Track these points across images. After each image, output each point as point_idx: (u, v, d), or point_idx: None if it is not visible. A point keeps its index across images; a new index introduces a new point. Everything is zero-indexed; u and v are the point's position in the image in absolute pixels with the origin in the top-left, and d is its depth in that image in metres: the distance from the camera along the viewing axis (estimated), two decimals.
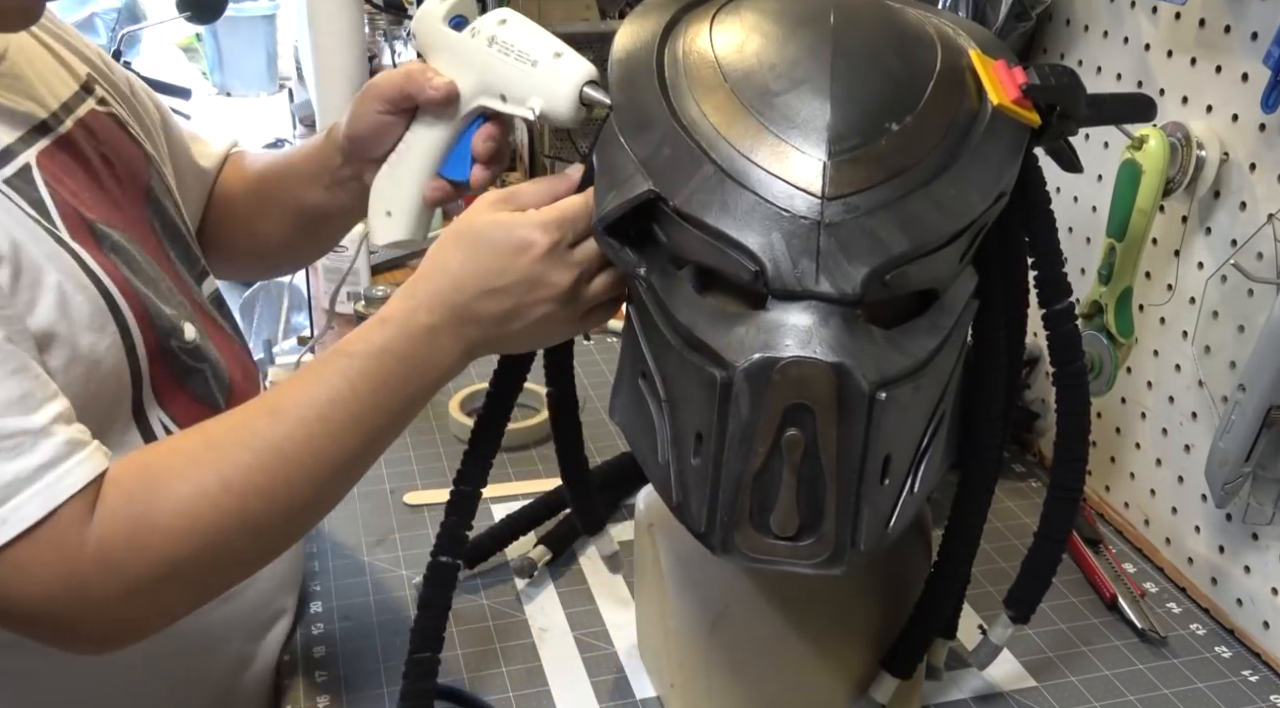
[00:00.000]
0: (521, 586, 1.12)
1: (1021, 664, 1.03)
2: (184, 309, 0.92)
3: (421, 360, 0.81)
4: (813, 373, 0.72)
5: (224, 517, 0.76)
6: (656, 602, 0.95)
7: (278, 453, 0.78)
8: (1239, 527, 1.06)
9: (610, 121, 0.80)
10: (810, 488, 0.75)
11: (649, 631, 1.00)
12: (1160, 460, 1.16)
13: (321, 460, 0.79)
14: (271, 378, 1.46)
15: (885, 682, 0.93)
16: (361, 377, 0.79)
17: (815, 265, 0.72)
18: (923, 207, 0.74)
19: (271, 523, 0.79)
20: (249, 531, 0.78)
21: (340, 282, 1.66)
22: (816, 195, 0.72)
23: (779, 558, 0.77)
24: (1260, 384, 0.95)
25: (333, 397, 0.79)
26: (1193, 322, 1.08)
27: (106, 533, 0.74)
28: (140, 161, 0.97)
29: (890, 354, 0.74)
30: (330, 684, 0.99)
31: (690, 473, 0.78)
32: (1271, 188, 0.99)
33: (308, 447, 0.78)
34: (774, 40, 0.78)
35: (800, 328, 0.72)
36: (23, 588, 0.73)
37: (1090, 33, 1.19)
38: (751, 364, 0.72)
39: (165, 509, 0.75)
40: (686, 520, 0.79)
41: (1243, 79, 1.00)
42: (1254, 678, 1.02)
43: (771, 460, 0.74)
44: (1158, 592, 1.13)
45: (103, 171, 0.91)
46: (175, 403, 0.89)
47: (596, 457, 1.27)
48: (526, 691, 0.99)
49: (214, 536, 0.76)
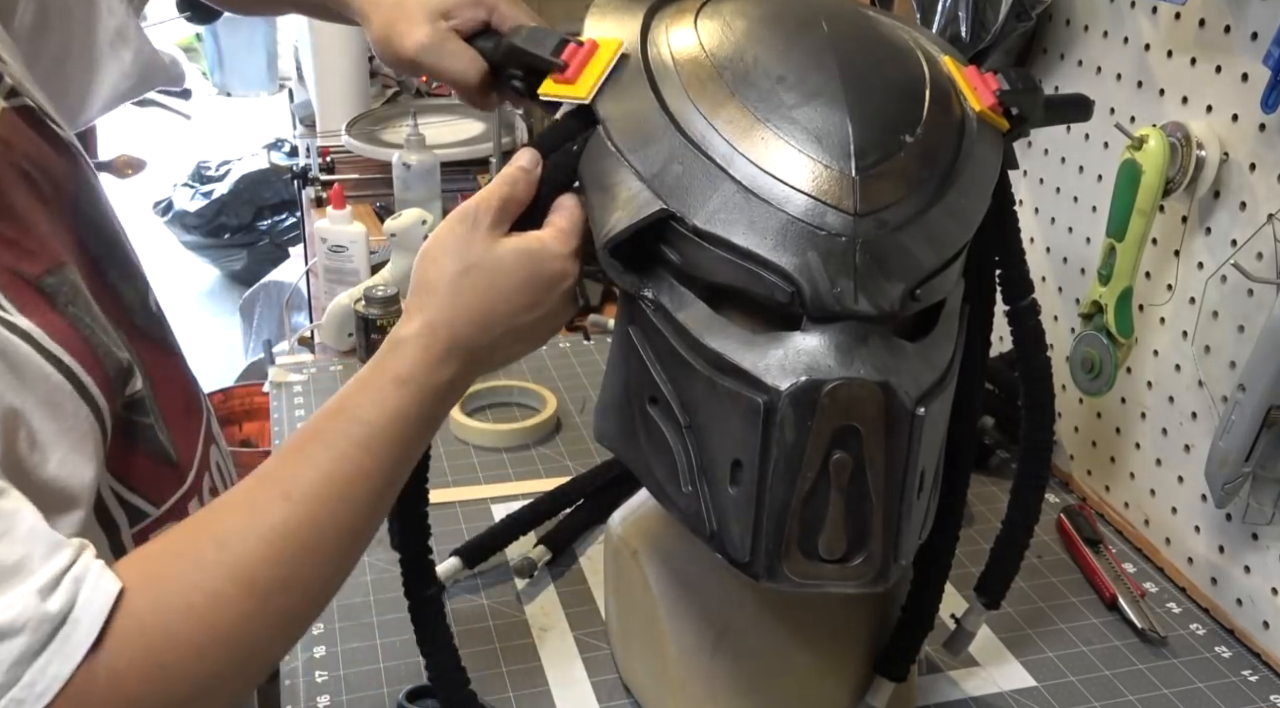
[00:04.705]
0: (521, 586, 1.12)
1: (1021, 664, 1.03)
2: (127, 347, 0.79)
3: (441, 416, 0.75)
4: (862, 394, 0.71)
5: (246, 620, 0.67)
6: (647, 628, 0.92)
7: (297, 542, 0.69)
8: (1239, 527, 1.06)
9: (600, 133, 0.76)
10: (856, 509, 0.73)
11: (638, 658, 0.97)
12: (1160, 460, 1.16)
13: (344, 537, 0.71)
14: (272, 378, 1.46)
15: (882, 687, 0.93)
16: (384, 447, 0.71)
17: (854, 285, 0.71)
18: (943, 218, 0.74)
19: (296, 611, 0.71)
20: (274, 626, 0.69)
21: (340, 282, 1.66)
22: (849, 212, 0.71)
23: (826, 581, 0.75)
24: (1260, 384, 0.95)
25: (352, 474, 0.71)
26: (1193, 322, 1.08)
27: (121, 667, 0.63)
28: (64, 167, 0.82)
29: (921, 368, 0.74)
30: (330, 684, 0.99)
31: (727, 502, 0.75)
32: (1271, 188, 0.99)
33: (331, 527, 0.70)
34: (774, 49, 0.76)
35: (842, 348, 0.71)
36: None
37: (1090, 33, 1.19)
38: (797, 388, 0.71)
39: (181, 628, 0.65)
40: (726, 550, 0.76)
41: (1243, 79, 1.00)
42: (1254, 678, 1.02)
43: (818, 485, 0.72)
44: (1158, 592, 1.13)
45: (27, 194, 0.76)
46: (130, 467, 0.78)
47: (597, 458, 1.28)
48: (526, 691, 0.99)
49: (238, 642, 0.67)
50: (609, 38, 0.78)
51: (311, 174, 2.07)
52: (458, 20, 0.88)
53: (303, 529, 0.69)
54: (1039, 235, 1.30)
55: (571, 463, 1.31)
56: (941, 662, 1.02)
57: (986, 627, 1.06)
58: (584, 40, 0.78)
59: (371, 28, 0.91)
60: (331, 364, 1.52)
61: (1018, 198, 1.32)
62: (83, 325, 0.74)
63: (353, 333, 1.50)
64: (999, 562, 0.96)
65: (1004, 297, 0.88)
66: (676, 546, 0.91)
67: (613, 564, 0.98)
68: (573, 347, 1.57)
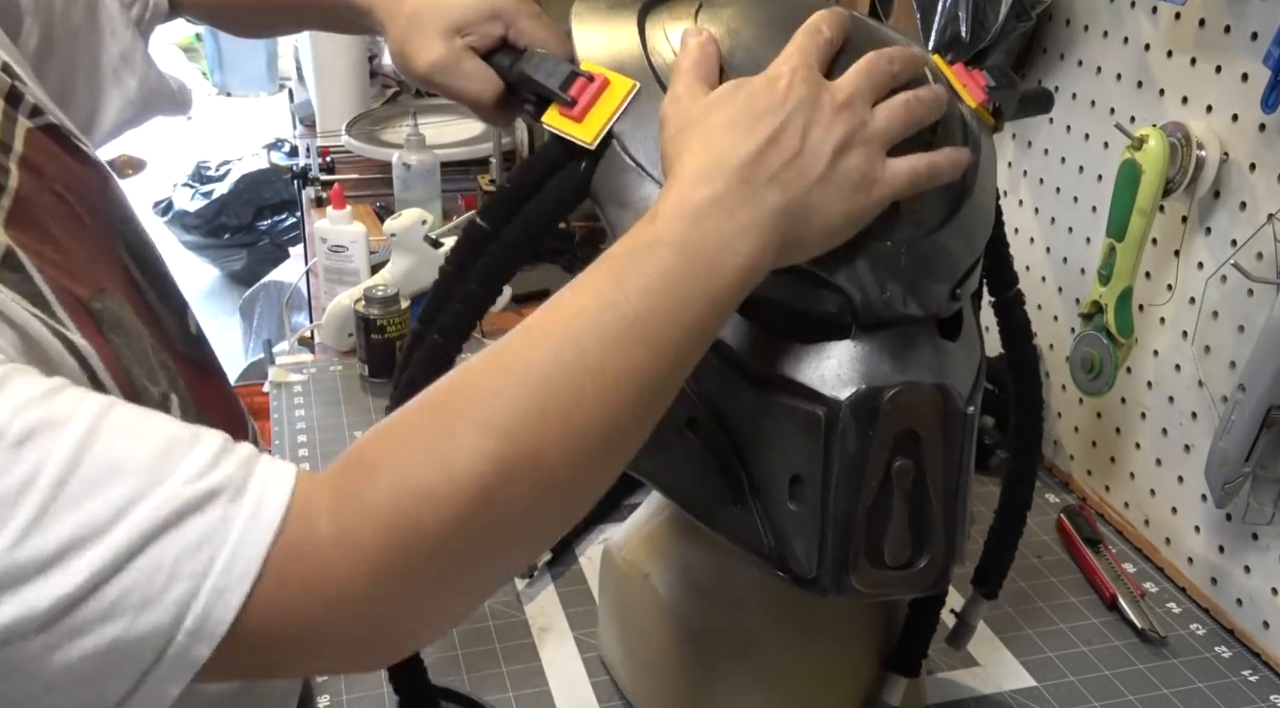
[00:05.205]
0: (521, 586, 1.12)
1: (1021, 664, 1.03)
2: (168, 370, 0.76)
3: (713, 246, 0.63)
4: (921, 398, 0.71)
5: (493, 465, 0.56)
6: (661, 650, 0.91)
7: (543, 379, 0.59)
8: (1239, 527, 1.06)
9: (615, 148, 0.74)
10: (919, 514, 0.73)
11: (649, 681, 0.96)
12: (1160, 460, 1.16)
13: (603, 382, 0.60)
14: (272, 378, 1.46)
15: (896, 683, 0.93)
16: (635, 274, 0.62)
17: (902, 289, 0.71)
18: (970, 216, 0.75)
19: (553, 470, 0.59)
20: (529, 483, 0.58)
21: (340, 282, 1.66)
22: (890, 217, 0.70)
23: (893, 589, 0.75)
24: (1260, 384, 0.95)
25: (599, 303, 0.61)
26: (1193, 322, 1.08)
27: (344, 520, 0.55)
28: (96, 187, 0.79)
29: (964, 366, 0.75)
30: (330, 684, 0.99)
31: (788, 518, 0.74)
32: (1271, 188, 0.99)
33: (580, 366, 0.59)
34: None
35: (895, 353, 0.71)
36: (284, 626, 0.55)
37: (1090, 33, 1.19)
38: (858, 396, 0.70)
39: (412, 476, 0.56)
40: (788, 567, 0.75)
41: (1243, 79, 1.00)
42: (1254, 678, 1.02)
43: (881, 493, 0.72)
44: (1158, 592, 1.13)
45: (66, 218, 0.73)
46: None
47: None
48: (526, 691, 0.99)
49: (482, 495, 0.56)
50: (620, 76, 0.75)
51: (311, 174, 2.07)
52: (473, 37, 0.85)
53: (550, 367, 0.59)
54: (1039, 235, 1.30)
55: None
56: (942, 662, 1.02)
57: (987, 628, 1.06)
58: (594, 75, 0.75)
59: (390, 41, 0.90)
60: (331, 364, 1.52)
61: (1018, 198, 1.33)
62: (124, 356, 0.72)
63: (353, 333, 1.50)
64: (995, 552, 0.97)
65: (990, 288, 0.89)
66: (692, 563, 0.90)
67: (615, 589, 0.97)
68: None
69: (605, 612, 1.01)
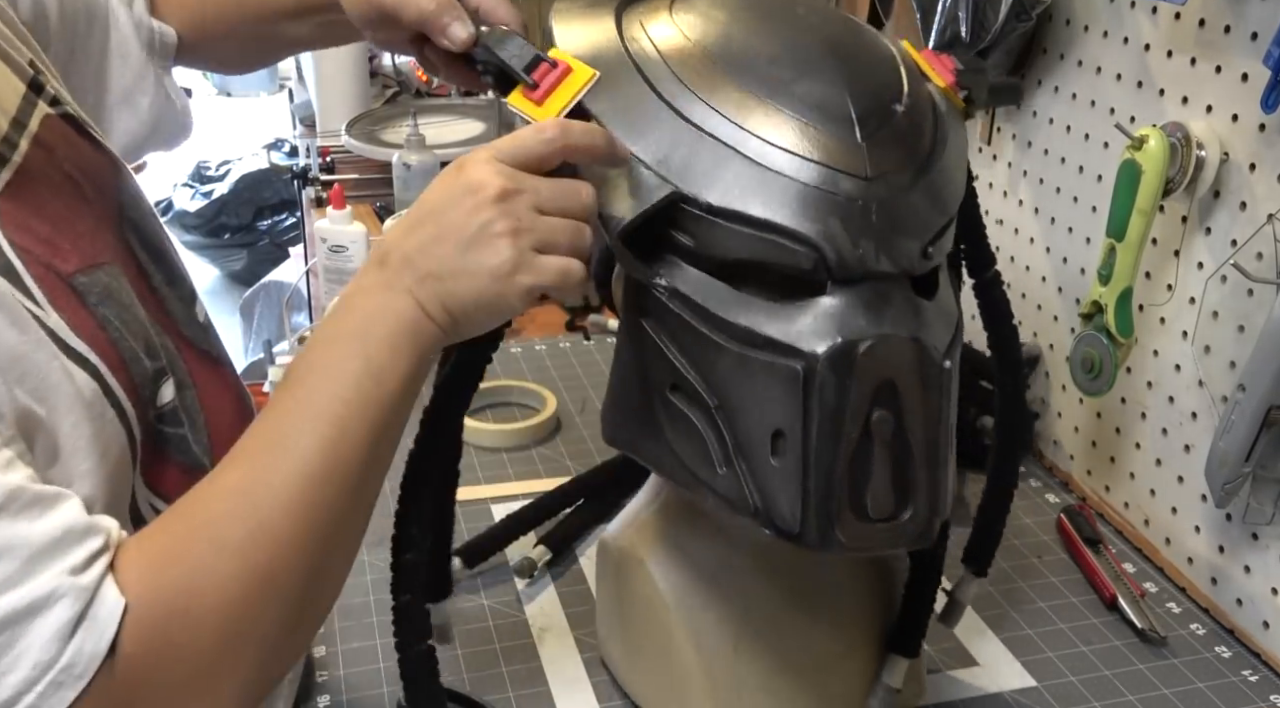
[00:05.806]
0: (521, 586, 1.12)
1: (1021, 664, 1.03)
2: (168, 352, 0.80)
3: (377, 331, 0.72)
4: (896, 349, 0.73)
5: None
6: (660, 638, 0.92)
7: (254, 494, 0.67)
8: (1239, 527, 1.06)
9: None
10: (900, 465, 0.75)
11: (649, 669, 0.95)
12: (1160, 460, 1.16)
13: (298, 479, 0.67)
14: (272, 378, 1.46)
15: (896, 664, 0.93)
16: (331, 365, 0.71)
17: (874, 245, 0.73)
18: (940, 179, 0.78)
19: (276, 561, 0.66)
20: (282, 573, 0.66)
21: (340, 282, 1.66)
22: (861, 176, 0.74)
23: (877, 543, 0.77)
24: (1260, 384, 0.95)
25: (298, 405, 0.70)
26: (1193, 322, 1.08)
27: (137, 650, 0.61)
28: (107, 170, 0.83)
29: (939, 323, 0.77)
30: (330, 684, 0.99)
31: (771, 474, 0.75)
32: (1271, 188, 0.99)
33: (278, 472, 0.67)
34: (760, 32, 0.79)
35: (870, 307, 0.73)
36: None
37: (1090, 33, 1.19)
38: (834, 349, 0.72)
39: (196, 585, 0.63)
40: (774, 523, 0.76)
41: (1243, 79, 1.00)
42: (1254, 678, 1.02)
43: (861, 444, 0.74)
44: (1158, 592, 1.13)
45: (71, 196, 0.77)
46: (161, 477, 0.77)
47: (597, 458, 1.28)
48: (526, 691, 0.99)
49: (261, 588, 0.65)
50: (583, 65, 0.78)
51: (311, 174, 2.07)
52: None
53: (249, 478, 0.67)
54: (1039, 235, 1.30)
55: (571, 463, 1.31)
56: (942, 662, 1.02)
57: (988, 628, 1.06)
58: (557, 62, 0.78)
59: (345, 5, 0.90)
60: None
61: (1018, 198, 1.33)
62: (111, 327, 0.74)
63: None
64: (983, 530, 0.98)
65: (969, 270, 0.91)
66: (688, 546, 0.91)
67: (612, 578, 0.97)
68: (573, 347, 1.57)
69: (603, 603, 1.01)
